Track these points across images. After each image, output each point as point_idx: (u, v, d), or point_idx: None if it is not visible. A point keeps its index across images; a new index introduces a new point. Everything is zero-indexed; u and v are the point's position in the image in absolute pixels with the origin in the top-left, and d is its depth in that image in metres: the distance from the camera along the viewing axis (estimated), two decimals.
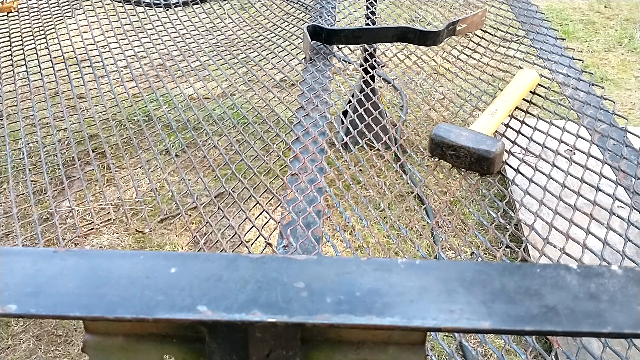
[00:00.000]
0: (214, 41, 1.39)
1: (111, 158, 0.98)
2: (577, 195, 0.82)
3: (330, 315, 0.28)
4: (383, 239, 1.54)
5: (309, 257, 0.33)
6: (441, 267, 0.32)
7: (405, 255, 1.33)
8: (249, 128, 1.10)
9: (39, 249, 0.31)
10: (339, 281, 0.30)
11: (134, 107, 1.15)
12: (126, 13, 1.50)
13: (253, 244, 1.49)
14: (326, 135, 0.91)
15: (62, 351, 1.41)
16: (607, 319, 0.28)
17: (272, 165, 0.92)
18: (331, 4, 1.46)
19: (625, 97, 2.46)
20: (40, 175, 1.22)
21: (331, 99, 1.04)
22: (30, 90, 1.19)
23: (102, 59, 1.29)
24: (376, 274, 0.30)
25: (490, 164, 0.83)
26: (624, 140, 0.93)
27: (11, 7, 1.54)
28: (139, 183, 1.79)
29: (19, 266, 0.30)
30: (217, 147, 1.05)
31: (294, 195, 0.77)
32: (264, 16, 1.52)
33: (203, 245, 0.88)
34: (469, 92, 1.11)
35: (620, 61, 2.74)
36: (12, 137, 1.13)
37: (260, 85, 1.35)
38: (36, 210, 0.88)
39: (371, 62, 1.41)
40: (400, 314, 0.29)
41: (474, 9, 1.47)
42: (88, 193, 0.92)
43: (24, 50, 1.36)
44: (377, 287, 0.30)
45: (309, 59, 1.16)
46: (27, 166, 0.99)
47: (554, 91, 1.08)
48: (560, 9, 3.28)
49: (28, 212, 0.94)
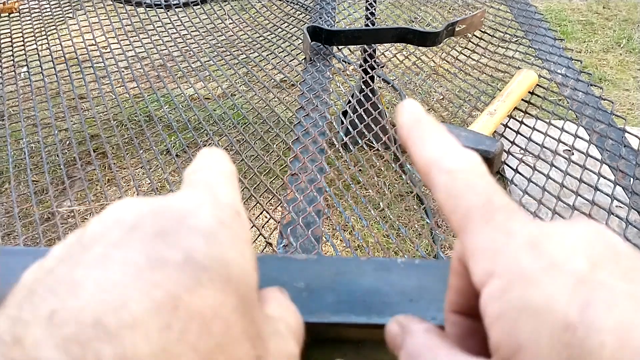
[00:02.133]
0: (214, 42, 1.39)
1: (112, 158, 0.98)
2: (575, 195, 0.82)
3: (330, 315, 0.28)
4: (382, 239, 1.55)
5: (309, 256, 0.33)
6: (440, 266, 0.32)
7: (404, 255, 1.33)
8: (249, 128, 1.10)
9: (41, 248, 0.31)
10: (339, 280, 0.30)
11: (135, 108, 1.15)
12: (127, 14, 1.50)
13: (253, 244, 1.49)
14: (326, 135, 0.92)
15: None
16: None
17: (272, 165, 0.92)
18: (331, 5, 1.46)
19: (623, 98, 2.46)
20: (42, 175, 1.23)
21: (331, 99, 1.04)
22: (32, 90, 1.20)
23: (103, 60, 1.30)
24: (376, 274, 0.31)
25: (489, 164, 0.84)
26: (623, 140, 0.93)
27: (13, 7, 1.54)
28: (139, 183, 1.80)
29: (21, 266, 0.30)
30: (218, 147, 1.05)
31: (294, 195, 0.77)
32: (264, 17, 1.53)
33: None
34: (467, 93, 1.12)
35: (618, 61, 2.74)
36: (14, 137, 1.13)
37: (261, 86, 1.36)
38: (37, 210, 0.89)
39: (371, 63, 1.41)
40: (400, 313, 0.30)
41: (473, 9, 1.47)
42: (89, 193, 0.92)
43: (26, 51, 1.36)
44: (377, 286, 0.30)
45: (308, 59, 1.16)
46: (29, 166, 0.99)
47: (552, 91, 1.08)
48: (559, 9, 3.28)
49: (29, 211, 0.94)
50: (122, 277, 0.17)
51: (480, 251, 0.19)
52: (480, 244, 0.19)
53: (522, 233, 0.18)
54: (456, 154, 0.21)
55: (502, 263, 0.18)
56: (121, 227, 0.19)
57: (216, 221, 0.20)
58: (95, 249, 0.18)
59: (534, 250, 0.18)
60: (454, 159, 0.21)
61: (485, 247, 0.19)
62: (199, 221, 0.19)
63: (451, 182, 0.20)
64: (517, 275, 0.18)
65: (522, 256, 0.18)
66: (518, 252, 0.18)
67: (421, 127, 0.22)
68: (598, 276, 0.17)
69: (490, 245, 0.19)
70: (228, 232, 0.20)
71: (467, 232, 0.20)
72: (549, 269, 0.17)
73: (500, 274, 0.18)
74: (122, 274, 0.17)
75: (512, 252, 0.18)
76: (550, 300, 0.16)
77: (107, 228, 0.19)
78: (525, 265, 0.18)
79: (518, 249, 0.18)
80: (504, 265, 0.18)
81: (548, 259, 0.17)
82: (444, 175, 0.21)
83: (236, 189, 0.23)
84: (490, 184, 0.20)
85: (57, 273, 0.18)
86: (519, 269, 0.18)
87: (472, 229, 0.19)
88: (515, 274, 0.18)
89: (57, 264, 0.19)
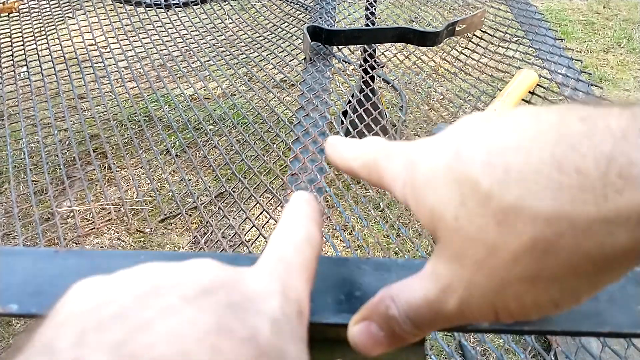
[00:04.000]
0: (214, 42, 1.39)
1: (112, 158, 0.98)
2: None
3: (330, 315, 0.28)
4: (383, 239, 1.54)
5: None
6: None
7: (404, 255, 1.33)
8: (249, 128, 1.10)
9: (40, 248, 0.31)
10: (339, 281, 0.30)
11: (135, 108, 1.15)
12: (127, 14, 1.50)
13: (253, 244, 1.49)
14: (326, 135, 0.92)
15: None
16: (606, 318, 0.28)
17: (272, 165, 0.92)
18: (331, 5, 1.46)
19: (624, 98, 2.46)
20: (41, 175, 1.23)
21: (331, 99, 1.04)
22: (32, 90, 1.20)
23: (103, 59, 1.30)
24: (376, 274, 0.31)
25: None
26: None
27: (12, 7, 1.54)
28: (139, 183, 1.79)
29: (20, 266, 0.30)
30: (218, 147, 1.05)
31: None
32: (264, 17, 1.53)
33: (203, 245, 0.88)
34: (468, 93, 1.12)
35: (619, 61, 2.74)
36: (14, 137, 1.13)
37: (261, 86, 1.36)
38: (37, 210, 0.89)
39: (371, 63, 1.41)
40: None
41: (473, 9, 1.47)
42: (89, 193, 0.92)
43: (25, 51, 1.36)
44: (377, 286, 0.30)
45: (309, 59, 1.16)
46: (28, 166, 0.99)
47: (552, 91, 1.08)
48: (559, 9, 3.29)
49: (29, 211, 0.94)
50: (191, 332, 0.18)
51: (394, 179, 0.24)
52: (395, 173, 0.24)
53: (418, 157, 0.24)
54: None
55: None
56: (197, 286, 0.20)
57: (282, 313, 0.21)
58: (169, 298, 0.19)
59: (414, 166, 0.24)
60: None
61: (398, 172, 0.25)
62: (268, 308, 0.21)
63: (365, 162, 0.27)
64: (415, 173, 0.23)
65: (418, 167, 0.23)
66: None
67: (336, 148, 0.29)
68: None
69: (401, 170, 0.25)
70: (290, 327, 0.21)
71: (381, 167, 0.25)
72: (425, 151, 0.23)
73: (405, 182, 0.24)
74: (191, 329, 0.18)
75: None
76: (436, 169, 0.22)
77: (183, 283, 0.20)
78: (419, 172, 0.23)
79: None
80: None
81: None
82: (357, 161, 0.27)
83: (309, 279, 0.25)
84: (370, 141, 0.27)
85: (126, 307, 0.19)
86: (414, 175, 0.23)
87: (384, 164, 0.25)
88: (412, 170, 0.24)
89: (126, 300, 0.19)
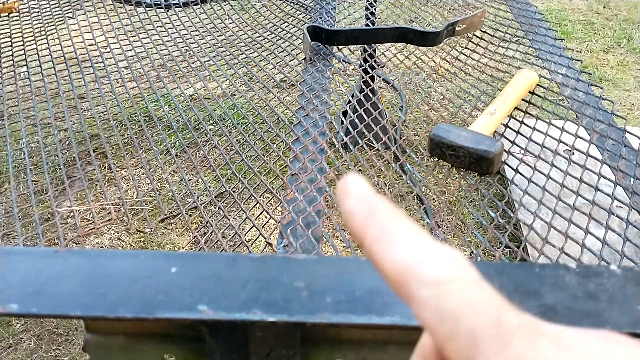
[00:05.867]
0: (214, 42, 1.39)
1: (112, 158, 0.98)
2: (576, 195, 0.82)
3: (330, 315, 0.28)
4: None
5: (309, 256, 0.33)
6: None
7: None
8: (249, 128, 1.10)
9: (40, 248, 0.31)
10: (339, 281, 0.30)
11: (135, 108, 1.15)
12: (127, 13, 1.50)
13: (253, 244, 1.49)
14: (326, 135, 0.92)
15: (63, 350, 1.41)
16: (606, 318, 0.28)
17: (272, 165, 0.92)
18: (331, 5, 1.46)
19: (624, 98, 2.46)
20: (41, 175, 1.23)
21: (331, 99, 1.04)
22: (32, 90, 1.20)
23: (103, 59, 1.30)
24: (376, 274, 0.30)
25: (490, 164, 0.83)
26: (623, 140, 0.93)
27: (12, 7, 1.54)
28: (139, 183, 1.79)
29: (20, 266, 0.30)
30: (218, 147, 1.05)
31: (294, 195, 0.77)
32: (264, 17, 1.52)
33: (203, 245, 0.88)
34: (468, 93, 1.12)
35: (619, 61, 2.74)
36: (14, 137, 1.13)
37: (261, 86, 1.35)
38: (37, 210, 0.88)
39: (371, 63, 1.41)
40: (399, 313, 0.30)
41: (473, 9, 1.47)
42: (89, 193, 0.92)
43: (25, 51, 1.36)
44: (377, 286, 0.30)
45: (308, 59, 1.16)
46: (28, 166, 0.99)
47: (552, 91, 1.08)
48: (559, 9, 3.28)
49: (29, 211, 0.94)
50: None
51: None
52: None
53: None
54: (436, 256, 0.17)
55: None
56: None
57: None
58: None
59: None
60: (437, 265, 0.17)
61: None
62: None
63: (441, 298, 0.16)
64: None
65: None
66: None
67: (380, 219, 0.18)
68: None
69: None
70: None
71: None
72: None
73: None
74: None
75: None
76: None
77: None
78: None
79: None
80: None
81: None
82: (429, 289, 0.17)
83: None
84: (492, 295, 0.17)
85: None
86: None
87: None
88: None
89: None
